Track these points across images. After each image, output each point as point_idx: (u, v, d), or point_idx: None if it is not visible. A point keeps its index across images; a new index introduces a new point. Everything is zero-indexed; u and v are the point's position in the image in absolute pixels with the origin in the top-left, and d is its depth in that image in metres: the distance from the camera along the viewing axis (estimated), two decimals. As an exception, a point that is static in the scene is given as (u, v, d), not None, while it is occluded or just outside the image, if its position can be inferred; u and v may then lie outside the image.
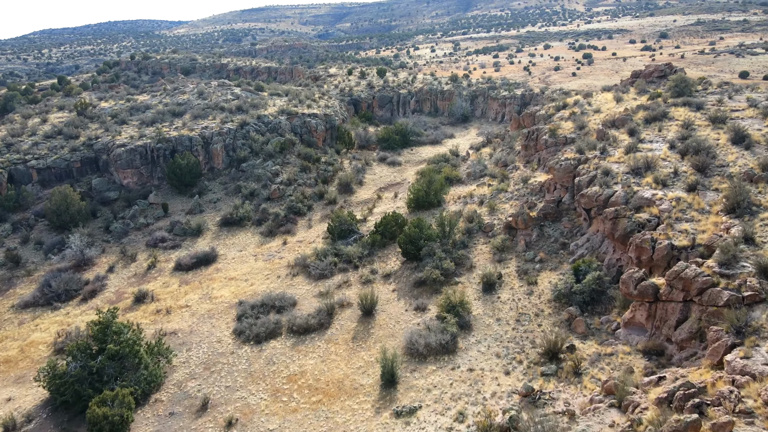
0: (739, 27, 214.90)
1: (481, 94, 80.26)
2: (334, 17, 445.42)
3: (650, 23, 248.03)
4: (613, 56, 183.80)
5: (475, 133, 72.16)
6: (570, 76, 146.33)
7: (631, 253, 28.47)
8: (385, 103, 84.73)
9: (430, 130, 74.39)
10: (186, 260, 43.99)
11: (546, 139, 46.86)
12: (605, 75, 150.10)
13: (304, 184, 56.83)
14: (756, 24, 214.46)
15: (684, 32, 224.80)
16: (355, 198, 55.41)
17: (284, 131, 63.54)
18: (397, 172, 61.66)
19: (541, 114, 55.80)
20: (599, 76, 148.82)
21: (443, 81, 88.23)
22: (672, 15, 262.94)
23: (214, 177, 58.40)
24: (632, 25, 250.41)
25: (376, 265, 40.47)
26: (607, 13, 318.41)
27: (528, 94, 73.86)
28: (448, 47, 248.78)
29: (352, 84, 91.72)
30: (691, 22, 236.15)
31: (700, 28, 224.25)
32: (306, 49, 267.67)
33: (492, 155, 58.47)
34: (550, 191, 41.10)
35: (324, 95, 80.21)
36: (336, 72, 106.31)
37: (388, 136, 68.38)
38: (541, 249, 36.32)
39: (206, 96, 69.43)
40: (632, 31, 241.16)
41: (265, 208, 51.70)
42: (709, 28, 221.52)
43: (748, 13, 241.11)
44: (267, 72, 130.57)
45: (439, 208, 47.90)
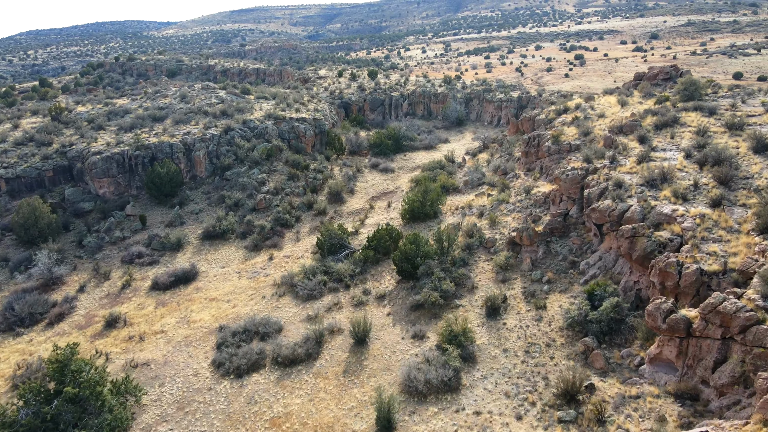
0: (729, 28, 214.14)
1: (476, 97, 77.27)
2: (325, 18, 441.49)
3: (641, 24, 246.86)
4: (605, 57, 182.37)
5: (471, 138, 69.12)
6: (563, 77, 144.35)
7: (653, 277, 25.43)
8: (376, 106, 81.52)
9: (424, 134, 71.25)
10: (163, 278, 40.45)
11: (549, 146, 43.84)
12: (598, 76, 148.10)
13: (292, 193, 53.44)
14: (746, 25, 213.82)
15: (674, 33, 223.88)
16: (345, 208, 52.11)
17: (271, 137, 60.11)
18: (390, 180, 58.43)
19: (541, 118, 52.85)
20: (592, 78, 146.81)
21: (437, 83, 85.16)
22: (662, 16, 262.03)
23: (196, 186, 54.84)
24: (623, 26, 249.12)
25: (369, 284, 37.20)
26: (596, 14, 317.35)
27: (525, 96, 70.94)
28: (439, 48, 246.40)
29: (343, 86, 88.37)
30: (682, 23, 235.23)
31: (691, 28, 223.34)
32: (296, 50, 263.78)
33: (490, 162, 55.40)
34: (556, 203, 38.05)
35: (313, 98, 76.82)
36: (326, 74, 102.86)
37: (380, 142, 65.15)
38: (549, 268, 33.23)
39: (189, 100, 65.80)
40: (623, 32, 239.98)
41: (251, 219, 48.26)
42: (700, 29, 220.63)
43: (738, 14, 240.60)
44: (255, 74, 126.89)
45: (435, 219, 44.74)
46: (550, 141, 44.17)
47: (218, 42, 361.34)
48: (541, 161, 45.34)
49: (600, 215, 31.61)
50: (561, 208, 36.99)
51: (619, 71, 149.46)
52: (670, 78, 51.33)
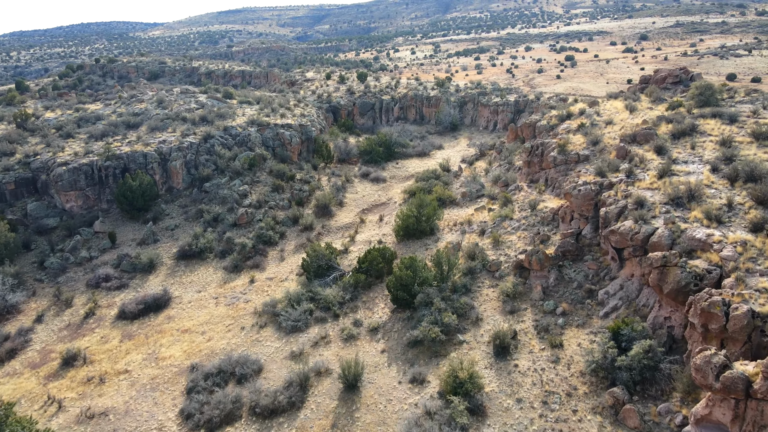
0: (718, 29, 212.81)
1: (471, 101, 73.47)
2: (313, 19, 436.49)
3: (629, 25, 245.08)
4: (595, 58, 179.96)
5: (466, 144, 65.27)
6: (554, 78, 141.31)
7: (693, 317, 21.64)
8: (366, 110, 77.44)
9: (417, 140, 67.30)
10: (131, 306, 36.09)
11: (554, 156, 40.05)
12: (590, 77, 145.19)
13: (277, 206, 49.22)
14: (734, 26, 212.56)
15: (664, 34, 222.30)
16: (334, 222, 47.99)
17: (254, 145, 55.82)
18: (381, 190, 54.38)
19: (543, 125, 49.10)
20: (584, 79, 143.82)
21: (429, 86, 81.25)
22: (650, 17, 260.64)
23: (172, 199, 50.40)
24: (612, 27, 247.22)
25: (361, 313, 33.14)
26: (585, 15, 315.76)
27: (522, 100, 67.25)
28: (429, 49, 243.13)
29: (331, 89, 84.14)
30: (670, 24, 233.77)
31: (680, 29, 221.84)
32: (284, 52, 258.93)
33: (488, 171, 51.55)
34: (566, 221, 34.23)
35: (300, 102, 72.57)
36: (313, 76, 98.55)
37: (370, 149, 61.10)
38: (563, 297, 29.37)
39: (166, 105, 61.30)
40: (612, 32, 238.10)
41: (231, 237, 43.98)
42: (689, 29, 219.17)
43: (726, 15, 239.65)
44: (241, 76, 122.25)
45: (432, 237, 40.77)
46: (556, 151, 40.39)
47: (205, 43, 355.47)
48: (546, 172, 41.55)
49: (620, 238, 27.81)
50: (572, 227, 33.17)
51: (611, 72, 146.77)
52: (680, 81, 47.82)
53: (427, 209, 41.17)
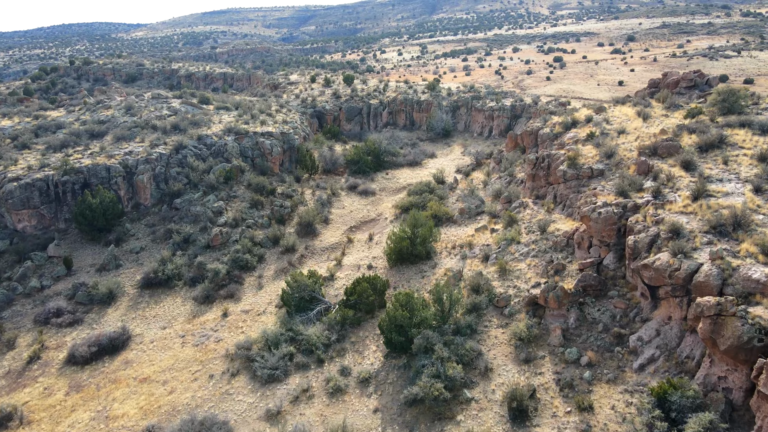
0: (705, 30, 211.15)
1: (464, 105, 68.85)
2: (299, 20, 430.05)
3: (616, 26, 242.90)
4: (584, 59, 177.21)
5: (460, 152, 60.64)
6: (544, 80, 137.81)
7: (764, 387, 17.14)
8: (353, 115, 72.50)
9: (407, 147, 62.54)
10: (83, 349, 30.85)
11: (564, 171, 35.52)
12: (580, 79, 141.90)
13: (255, 224, 44.13)
14: (720, 26, 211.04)
15: (650, 35, 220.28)
16: (319, 242, 43.04)
17: (231, 155, 50.66)
18: (370, 205, 49.52)
19: (546, 133, 44.64)
20: (574, 81, 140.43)
21: (419, 89, 76.48)
22: (636, 18, 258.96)
23: (138, 217, 45.10)
24: (598, 28, 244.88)
25: (349, 357, 28.31)
26: (570, 16, 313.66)
27: (519, 105, 62.76)
28: (416, 50, 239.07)
29: (316, 93, 79.01)
30: (657, 25, 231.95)
31: (667, 30, 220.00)
32: (269, 53, 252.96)
33: (487, 183, 47.00)
34: (583, 247, 29.68)
35: (282, 108, 67.43)
36: (297, 79, 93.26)
37: (358, 158, 56.20)
38: (587, 343, 24.78)
39: (136, 111, 55.85)
40: (599, 34, 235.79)
41: (203, 262, 38.84)
42: (675, 31, 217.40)
43: (711, 16, 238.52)
44: (222, 78, 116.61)
45: (428, 261, 36.03)
46: (566, 164, 35.87)
47: (189, 44, 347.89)
48: (555, 188, 37.00)
49: (656, 275, 23.30)
50: (591, 256, 28.62)
51: (601, 74, 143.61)
52: (695, 86, 43.64)
53: (422, 230, 36.43)
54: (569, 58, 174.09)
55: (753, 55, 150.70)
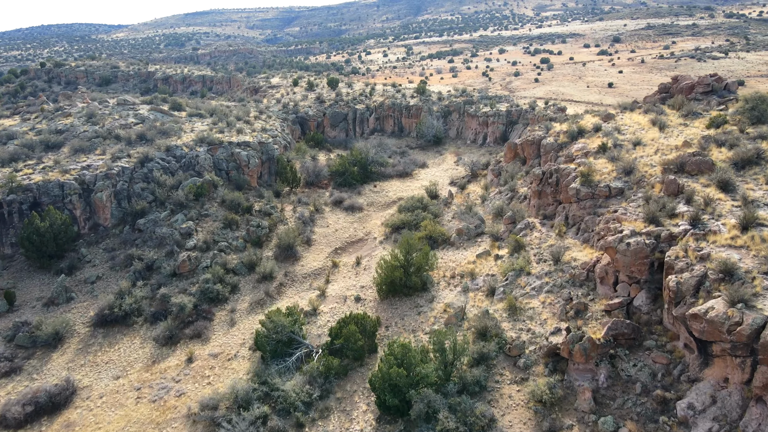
0: (689, 31, 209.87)
1: (456, 110, 64.23)
2: (283, 21, 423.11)
3: (601, 27, 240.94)
4: (571, 61, 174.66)
5: (453, 161, 56.00)
6: (532, 82, 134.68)
7: None
8: (338, 121, 67.54)
9: (396, 156, 57.77)
10: (16, 409, 25.63)
11: (577, 189, 31.05)
12: (569, 81, 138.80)
13: (229, 247, 39.04)
14: (705, 28, 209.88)
15: (636, 36, 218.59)
16: (300, 268, 38.08)
17: (203, 168, 45.47)
18: (357, 222, 44.67)
19: (550, 143, 40.23)
20: (563, 83, 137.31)
21: (408, 93, 71.70)
22: (621, 19, 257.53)
23: (96, 240, 39.76)
24: (584, 30, 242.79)
25: (334, 420, 23.49)
26: (555, 17, 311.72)
27: (515, 110, 58.28)
28: (401, 52, 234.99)
29: (298, 98, 73.80)
30: (642, 26, 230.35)
31: (652, 32, 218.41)
32: (252, 55, 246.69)
33: (485, 199, 42.47)
34: (607, 282, 25.20)
35: (262, 114, 62.24)
36: (279, 82, 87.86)
37: (343, 169, 51.29)
38: (624, 409, 20.25)
39: (98, 119, 50.35)
40: (585, 35, 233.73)
41: (167, 294, 33.71)
42: (660, 32, 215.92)
43: (695, 18, 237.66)
44: (201, 81, 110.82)
45: (424, 294, 31.33)
46: (579, 181, 31.41)
47: (171, 46, 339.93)
48: (566, 207, 32.53)
49: (710, 328, 18.85)
50: (619, 295, 24.13)
51: (590, 75, 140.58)
52: (713, 91, 39.52)
53: (417, 256, 31.72)
54: (556, 60, 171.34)
55: (740, 56, 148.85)
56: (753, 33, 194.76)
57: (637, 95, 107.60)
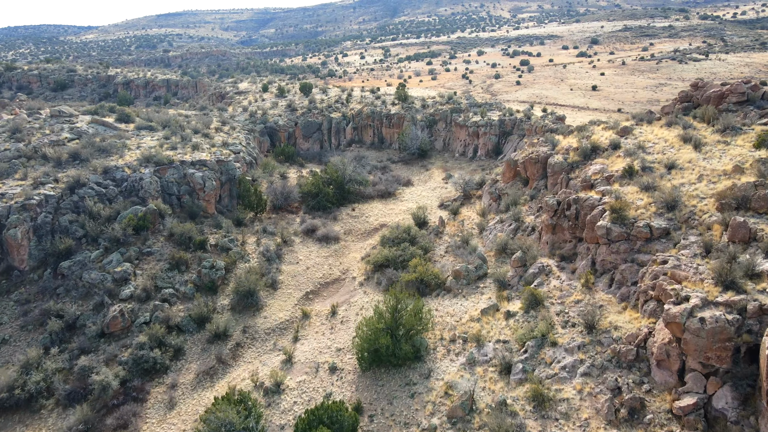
0: (666, 33, 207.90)
1: (442, 119, 57.31)
2: (258, 23, 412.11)
3: (579, 29, 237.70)
4: (551, 63, 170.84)
5: (441, 178, 49.04)
6: (514, 84, 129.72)
7: None
8: (311, 131, 60.06)
9: (377, 173, 50.62)
10: None
11: (607, 228, 24.32)
12: (551, 83, 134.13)
13: (175, 295, 31.38)
14: (681, 29, 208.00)
15: (614, 38, 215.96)
16: (262, 320, 30.64)
17: (149, 194, 37.63)
18: (333, 256, 37.37)
19: (558, 162, 33.60)
20: (545, 85, 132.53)
21: (388, 100, 64.45)
22: (598, 21, 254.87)
23: (9, 289, 31.65)
24: (561, 31, 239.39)
25: None
26: (532, 19, 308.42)
27: (509, 120, 51.56)
28: (378, 53, 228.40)
29: (267, 105, 65.98)
30: (619, 28, 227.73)
31: (629, 34, 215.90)
32: (225, 57, 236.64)
33: (483, 228, 35.59)
34: (668, 366, 18.42)
35: (225, 124, 54.44)
36: (248, 87, 79.80)
37: (317, 190, 43.92)
38: None
39: (24, 135, 42.10)
40: (563, 37, 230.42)
41: (87, 366, 25.99)
42: (638, 33, 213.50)
43: (671, 19, 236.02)
44: (165, 86, 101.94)
45: (418, 366, 24.23)
46: (609, 218, 24.68)
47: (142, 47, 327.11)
48: (591, 249, 25.78)
49: None
50: (691, 390, 17.36)
51: (572, 78, 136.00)
52: (748, 101, 33.31)
53: (407, 317, 24.62)
54: (536, 62, 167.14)
55: (721, 58, 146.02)
56: (729, 35, 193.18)
57: (622, 98, 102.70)
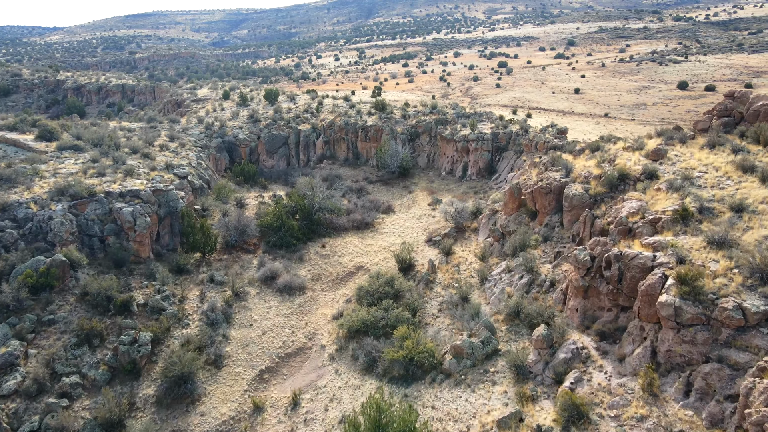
0: (641, 34, 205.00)
1: (426, 132, 49.48)
2: (230, 24, 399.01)
3: (555, 30, 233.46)
4: (529, 64, 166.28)
5: (427, 203, 41.24)
6: (494, 87, 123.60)
7: None
8: (276, 146, 51.69)
9: (352, 195, 42.64)
10: None
11: (677, 307, 16.89)
12: (531, 86, 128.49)
13: (80, 385, 22.95)
14: (656, 31, 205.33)
15: (590, 39, 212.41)
16: (198, 421, 22.37)
17: (59, 238, 28.98)
18: (297, 314, 29.29)
19: (577, 194, 26.26)
20: (526, 88, 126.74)
21: (364, 109, 56.24)
22: (573, 23, 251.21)
23: None
24: (537, 33, 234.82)
25: None
26: (507, 20, 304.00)
27: (503, 133, 43.96)
28: (353, 55, 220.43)
29: (227, 116, 57.19)
30: (594, 29, 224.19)
31: (605, 35, 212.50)
32: (194, 59, 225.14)
33: (484, 277, 28.00)
34: None
35: (174, 140, 45.80)
36: (207, 94, 70.76)
37: (279, 222, 35.70)
38: None
39: None
40: (539, 38, 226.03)
41: None
42: (614, 35, 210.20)
43: (645, 21, 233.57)
44: (120, 91, 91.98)
45: None
46: (675, 291, 17.26)
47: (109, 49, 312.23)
48: (648, 330, 18.32)
49: None
50: None
51: (552, 80, 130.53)
52: (812, 117, 26.45)
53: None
54: (514, 63, 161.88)
55: (701, 59, 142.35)
56: (704, 36, 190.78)
57: (607, 102, 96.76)
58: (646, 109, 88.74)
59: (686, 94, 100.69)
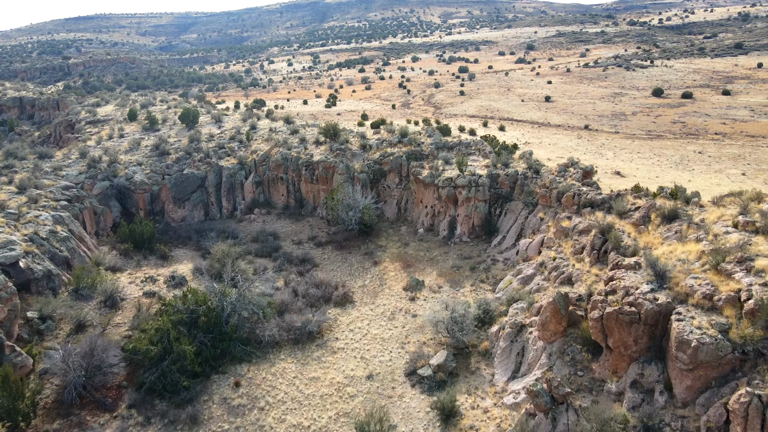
0: (600, 38, 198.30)
1: (394, 169, 34.90)
2: (179, 28, 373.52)
3: (513, 35, 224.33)
4: (491, 69, 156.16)
5: (401, 286, 26.90)
6: (458, 95, 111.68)
7: None
8: (189, 190, 36.29)
9: (291, 270, 28.01)
10: None
11: None
12: (497, 93, 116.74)
13: None
14: (614, 35, 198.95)
15: (549, 44, 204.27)
16: None
17: None
18: None
19: (707, 342, 12.50)
20: (492, 95, 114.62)
21: (310, 136, 40.74)
22: (530, 27, 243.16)
23: None
24: (495, 37, 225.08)
25: None
26: (462, 24, 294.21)
27: (504, 176, 29.91)
28: (307, 60, 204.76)
29: (124, 146, 40.98)
30: (552, 33, 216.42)
31: (564, 39, 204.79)
32: (134, 65, 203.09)
33: None
34: None
35: (24, 190, 29.96)
36: (110, 113, 53.86)
37: (161, 348, 20.78)
38: None
39: None
40: (497, 42, 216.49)
41: None
42: (572, 39, 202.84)
43: (601, 25, 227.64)
44: (18, 106, 73.53)
45: None
46: None
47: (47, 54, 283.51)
48: None
49: None
50: None
51: (518, 87, 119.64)
52: None
53: None
54: (475, 68, 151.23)
55: (667, 64, 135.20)
56: (661, 40, 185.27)
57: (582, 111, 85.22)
58: (628, 120, 78.14)
59: (664, 102, 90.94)
